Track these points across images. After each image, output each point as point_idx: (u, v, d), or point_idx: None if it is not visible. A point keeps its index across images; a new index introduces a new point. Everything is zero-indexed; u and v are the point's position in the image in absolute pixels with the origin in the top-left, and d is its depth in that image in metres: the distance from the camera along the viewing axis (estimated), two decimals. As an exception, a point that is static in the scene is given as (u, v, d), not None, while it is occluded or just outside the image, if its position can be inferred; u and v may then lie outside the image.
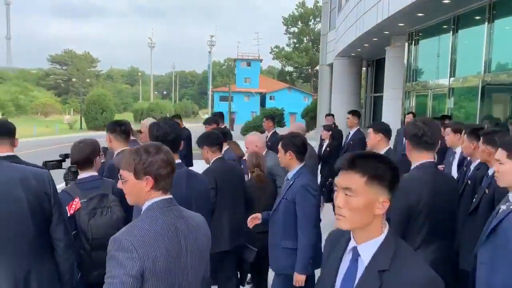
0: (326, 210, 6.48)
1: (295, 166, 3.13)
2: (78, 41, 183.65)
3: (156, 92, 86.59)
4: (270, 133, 6.27)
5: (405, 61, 11.15)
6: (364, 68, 19.54)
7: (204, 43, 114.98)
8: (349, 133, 6.44)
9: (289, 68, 70.64)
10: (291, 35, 67.35)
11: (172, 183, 1.76)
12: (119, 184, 1.76)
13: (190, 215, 1.81)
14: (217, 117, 6.49)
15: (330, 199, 6.12)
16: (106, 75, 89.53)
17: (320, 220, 3.18)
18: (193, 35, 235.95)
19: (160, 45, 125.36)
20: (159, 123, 2.78)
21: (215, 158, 3.53)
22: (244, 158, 4.45)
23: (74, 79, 60.23)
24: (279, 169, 3.93)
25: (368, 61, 18.80)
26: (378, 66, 17.54)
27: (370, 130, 3.70)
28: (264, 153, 4.31)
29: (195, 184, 2.70)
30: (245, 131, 23.80)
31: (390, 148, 3.64)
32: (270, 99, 55.56)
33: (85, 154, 2.73)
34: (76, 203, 2.53)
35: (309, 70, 67.56)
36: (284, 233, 3.07)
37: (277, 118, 27.27)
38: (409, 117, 7.83)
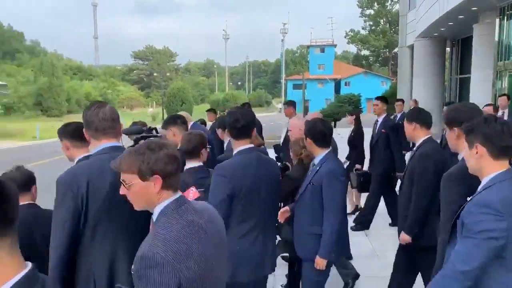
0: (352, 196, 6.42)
1: (319, 152, 3.12)
2: (158, 37, 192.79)
3: (231, 83, 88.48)
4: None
5: (496, 39, 10.30)
6: (448, 49, 18.36)
7: (276, 31, 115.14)
8: (377, 120, 6.06)
9: (365, 52, 68.38)
10: (366, 18, 65.00)
11: (179, 180, 1.63)
12: (122, 191, 1.61)
13: (203, 207, 1.71)
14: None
15: (363, 188, 5.86)
16: (184, 68, 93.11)
17: (345, 206, 3.17)
18: (266, 24, 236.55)
19: (234, 37, 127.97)
20: (232, 110, 2.83)
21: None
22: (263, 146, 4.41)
23: (155, 74, 63.48)
24: None
25: (453, 41, 17.63)
26: (464, 45, 16.40)
27: (405, 120, 3.52)
28: None
29: (265, 169, 2.69)
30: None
31: (430, 137, 3.41)
32: (345, 85, 54.25)
33: (194, 144, 2.88)
34: (194, 192, 2.53)
35: (387, 53, 64.85)
36: (311, 219, 3.05)
37: (353, 104, 26.63)
38: (503, 100, 7.25)
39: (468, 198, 1.96)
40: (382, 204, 5.95)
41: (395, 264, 3.37)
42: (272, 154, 4.28)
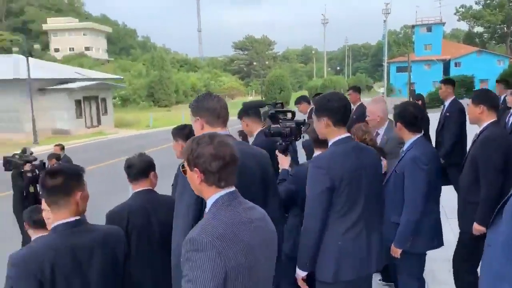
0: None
1: (408, 138, 2.99)
2: (257, 26, 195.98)
3: (329, 68, 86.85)
4: (356, 105, 5.98)
5: None
6: None
7: (378, 12, 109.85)
8: (444, 104, 5.67)
9: (479, 29, 62.14)
10: (481, -9, 58.90)
11: (232, 177, 1.63)
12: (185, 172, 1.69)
13: (254, 206, 1.70)
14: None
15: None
16: (282, 56, 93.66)
17: (430, 195, 2.92)
18: (367, 6, 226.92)
19: (333, 21, 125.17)
20: (326, 93, 2.73)
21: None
22: None
23: (254, 63, 64.85)
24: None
25: None
26: None
27: (469, 102, 3.27)
28: (386, 123, 4.03)
29: (365, 157, 2.51)
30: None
31: (495, 120, 3.16)
32: (456, 66, 49.95)
33: (316, 135, 2.94)
34: None
35: (504, 28, 58.25)
36: (394, 208, 2.93)
37: (466, 86, 24.48)
38: None
39: None
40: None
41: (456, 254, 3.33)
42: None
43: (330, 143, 2.51)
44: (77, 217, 1.90)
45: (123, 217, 2.65)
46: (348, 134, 2.54)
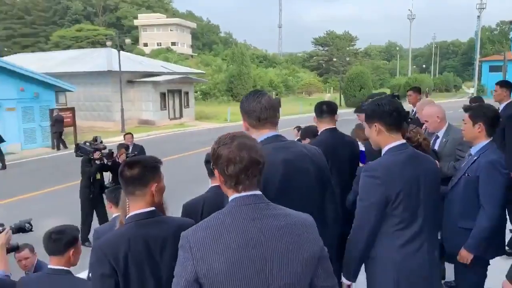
0: None
1: (482, 141, 2.82)
2: (339, 22, 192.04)
3: (414, 66, 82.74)
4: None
5: None
6: None
7: (471, 7, 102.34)
8: (498, 108, 4.92)
9: None
10: None
11: (253, 180, 1.53)
12: None
13: (283, 214, 1.55)
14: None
15: None
16: (364, 52, 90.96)
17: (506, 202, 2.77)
18: (458, 0, 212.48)
19: (420, 16, 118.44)
20: (375, 98, 2.62)
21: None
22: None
23: (334, 59, 63.73)
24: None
25: None
26: None
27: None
28: (445, 126, 3.86)
29: (422, 165, 2.30)
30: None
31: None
32: (560, 65, 45.08)
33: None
34: None
35: None
36: (463, 212, 2.78)
37: None
38: None
39: None
40: None
41: None
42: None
43: (384, 151, 2.32)
44: (152, 208, 1.93)
45: (198, 209, 2.75)
46: (404, 141, 2.33)
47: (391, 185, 2.17)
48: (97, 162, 6.61)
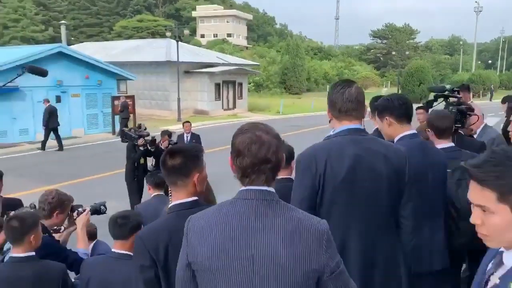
0: None
1: None
2: (399, 14, 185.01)
3: (478, 62, 78.28)
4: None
5: None
6: None
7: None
8: None
9: None
10: None
11: (259, 177, 1.44)
12: None
13: (288, 216, 1.42)
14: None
15: None
16: (424, 46, 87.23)
17: None
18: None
19: (488, 9, 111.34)
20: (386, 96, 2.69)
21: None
22: None
23: (393, 52, 61.66)
24: None
25: None
26: None
27: None
28: (482, 125, 3.89)
29: (430, 156, 2.46)
30: None
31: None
32: None
33: (446, 125, 2.83)
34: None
35: None
36: None
37: None
38: None
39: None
40: None
41: None
42: None
43: (395, 141, 2.47)
44: (195, 198, 1.89)
45: None
46: (414, 131, 2.50)
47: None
48: (141, 148, 6.99)
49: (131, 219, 2.54)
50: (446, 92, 3.45)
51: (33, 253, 2.43)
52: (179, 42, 23.95)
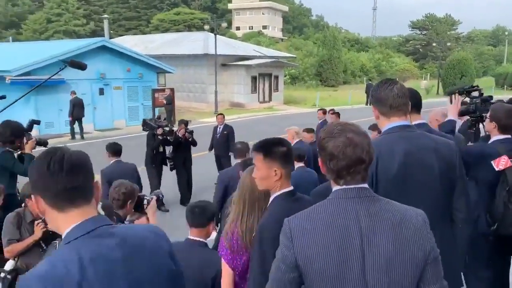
0: None
1: None
2: (439, 4, 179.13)
3: (525, 53, 74.66)
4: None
5: None
6: None
7: None
8: None
9: None
10: None
11: (354, 177, 1.49)
12: None
13: (390, 210, 1.47)
14: None
15: None
16: (467, 37, 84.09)
17: None
18: None
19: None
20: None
21: None
22: None
23: (434, 44, 59.77)
24: None
25: None
26: None
27: None
28: None
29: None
30: None
31: None
32: None
33: (498, 118, 2.93)
34: (506, 161, 2.69)
35: None
36: None
37: None
38: None
39: None
40: None
41: None
42: None
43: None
44: (291, 188, 2.17)
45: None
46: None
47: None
48: (160, 137, 7.67)
49: (208, 209, 2.71)
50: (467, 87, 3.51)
51: None
52: (217, 35, 24.11)
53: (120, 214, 2.99)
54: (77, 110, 15.08)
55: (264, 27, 68.74)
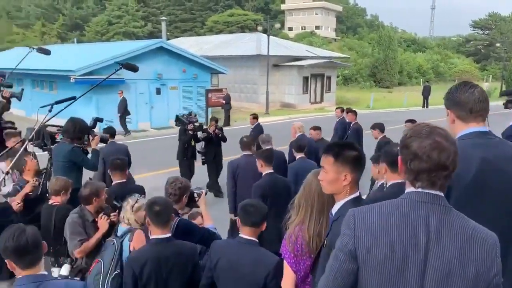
0: None
1: None
2: (503, 3, 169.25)
3: None
4: None
5: None
6: None
7: None
8: None
9: None
10: None
11: (433, 183, 1.44)
12: None
13: (461, 225, 1.41)
14: None
15: None
16: (534, 36, 78.82)
17: None
18: None
19: None
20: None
21: None
22: None
23: (497, 44, 56.54)
24: None
25: None
26: None
27: None
28: None
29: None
30: None
31: None
32: None
33: None
34: None
35: None
36: None
37: None
38: None
39: None
40: None
41: None
42: None
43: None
44: (358, 194, 2.17)
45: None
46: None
47: None
48: (190, 132, 8.13)
49: (261, 209, 2.75)
50: None
51: (170, 235, 2.77)
52: (270, 36, 24.22)
53: (176, 208, 3.12)
54: (122, 109, 16.27)
55: (317, 27, 68.11)
